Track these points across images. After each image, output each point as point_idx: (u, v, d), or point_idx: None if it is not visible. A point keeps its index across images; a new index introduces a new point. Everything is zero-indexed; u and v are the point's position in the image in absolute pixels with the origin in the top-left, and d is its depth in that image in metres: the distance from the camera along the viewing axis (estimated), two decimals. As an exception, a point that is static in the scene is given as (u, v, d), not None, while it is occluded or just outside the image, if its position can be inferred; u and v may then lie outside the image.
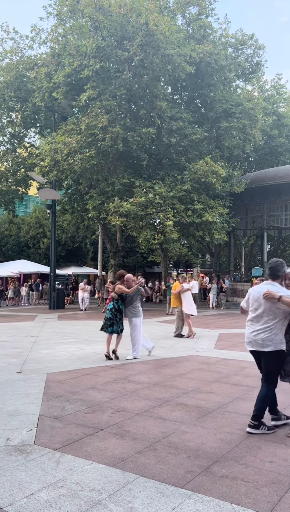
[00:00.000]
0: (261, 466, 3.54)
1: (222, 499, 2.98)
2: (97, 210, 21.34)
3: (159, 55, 18.94)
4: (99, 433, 4.29)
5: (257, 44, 25.87)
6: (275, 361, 4.32)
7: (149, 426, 4.50)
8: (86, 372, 7.14)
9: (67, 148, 19.51)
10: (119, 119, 20.33)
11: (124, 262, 36.65)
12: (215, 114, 23.02)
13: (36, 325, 14.93)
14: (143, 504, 2.91)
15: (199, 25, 22.78)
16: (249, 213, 27.83)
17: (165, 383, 6.39)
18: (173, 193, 19.83)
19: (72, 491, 3.10)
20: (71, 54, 20.52)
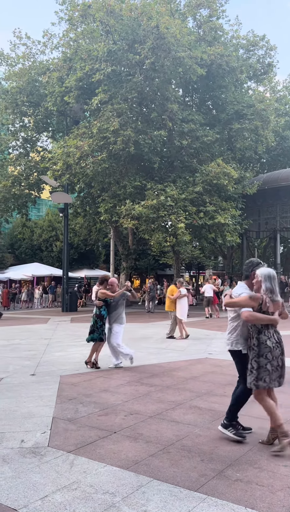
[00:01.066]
0: (276, 470, 3.51)
1: (236, 503, 2.96)
2: (109, 213, 21.42)
3: (170, 58, 18.97)
4: (112, 435, 4.29)
5: (268, 45, 25.77)
6: (237, 361, 4.27)
7: (162, 429, 4.49)
8: (99, 375, 7.16)
9: (79, 151, 19.64)
10: (131, 122, 20.40)
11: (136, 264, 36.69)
12: (226, 116, 22.96)
13: (49, 327, 15.03)
14: (157, 507, 2.91)
15: (210, 27, 22.77)
16: (261, 214, 27.64)
17: (178, 386, 6.37)
18: (185, 195, 19.81)
19: (86, 493, 3.11)
20: (83, 58, 20.68)
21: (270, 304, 3.94)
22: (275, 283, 3.98)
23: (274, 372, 3.94)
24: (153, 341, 11.38)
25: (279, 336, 4.05)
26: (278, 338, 4.02)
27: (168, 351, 9.72)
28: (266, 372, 3.92)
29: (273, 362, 3.92)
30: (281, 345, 4.02)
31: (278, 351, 3.96)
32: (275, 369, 3.94)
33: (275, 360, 3.93)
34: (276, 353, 3.94)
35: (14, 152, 26.75)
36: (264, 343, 3.94)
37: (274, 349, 3.94)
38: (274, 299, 3.94)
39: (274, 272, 4.04)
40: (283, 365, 4.00)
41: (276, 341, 3.98)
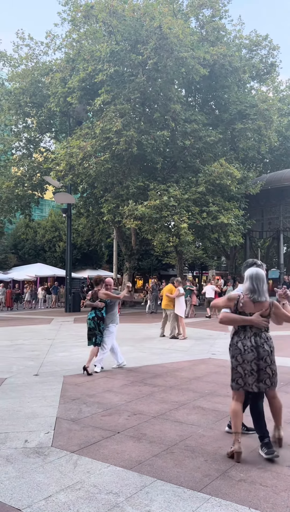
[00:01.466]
0: (280, 471, 3.50)
1: (240, 504, 2.95)
2: (112, 213, 21.44)
3: (172, 58, 18.98)
4: (116, 436, 4.30)
5: (271, 45, 25.73)
6: None
7: (166, 429, 4.49)
8: (102, 375, 7.16)
9: (82, 152, 19.66)
10: (134, 123, 20.41)
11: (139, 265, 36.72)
12: (229, 116, 22.94)
13: (53, 328, 15.05)
14: (161, 507, 2.91)
15: (213, 27, 22.76)
16: (265, 214, 27.59)
17: (182, 386, 6.37)
18: (188, 196, 19.80)
19: (90, 493, 3.11)
20: (86, 59, 20.71)
21: (248, 304, 3.76)
22: (258, 282, 3.76)
23: (249, 376, 3.74)
24: (156, 342, 11.38)
25: (259, 340, 3.77)
26: (256, 341, 3.76)
27: (171, 352, 9.72)
28: (237, 374, 3.79)
29: (244, 366, 3.74)
30: (260, 349, 3.74)
31: (251, 355, 3.73)
32: (249, 373, 3.74)
33: (248, 364, 3.73)
34: (248, 357, 3.73)
35: (17, 153, 26.83)
36: (235, 344, 3.82)
37: (246, 353, 3.74)
38: (255, 299, 3.75)
39: (259, 271, 3.82)
40: (259, 370, 3.74)
41: (252, 344, 3.75)
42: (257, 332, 3.79)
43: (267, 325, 3.82)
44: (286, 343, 10.75)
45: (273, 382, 3.82)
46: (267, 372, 3.75)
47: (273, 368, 3.81)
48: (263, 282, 3.80)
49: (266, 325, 3.80)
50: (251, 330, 3.78)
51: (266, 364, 3.75)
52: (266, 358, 3.75)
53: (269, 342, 3.82)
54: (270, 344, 3.82)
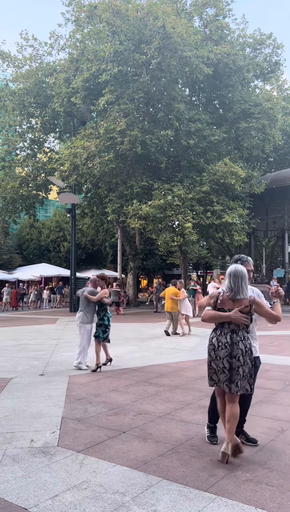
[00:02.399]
0: (286, 470, 3.49)
1: (246, 503, 2.95)
2: (116, 213, 21.46)
3: (176, 58, 18.97)
4: (121, 435, 4.30)
5: (275, 43, 25.66)
6: None
7: (171, 429, 4.49)
8: (107, 375, 7.17)
9: (86, 152, 19.70)
10: (137, 122, 20.42)
11: (143, 264, 36.74)
12: (233, 115, 22.90)
13: (58, 327, 15.09)
14: (167, 507, 2.91)
15: (217, 26, 22.72)
16: (269, 213, 27.54)
17: (187, 386, 6.36)
18: (192, 195, 19.79)
19: (96, 493, 3.12)
20: (89, 59, 20.74)
21: (226, 302, 3.66)
22: (236, 280, 3.64)
23: (221, 374, 3.64)
24: (161, 341, 11.38)
25: (235, 337, 3.63)
26: (232, 338, 3.63)
27: (176, 351, 9.72)
28: (211, 370, 3.72)
29: (217, 362, 3.65)
30: (234, 347, 3.60)
31: (224, 352, 3.61)
32: (221, 371, 3.63)
33: (220, 361, 3.63)
34: (221, 353, 3.62)
35: (21, 153, 26.90)
36: (210, 340, 3.76)
37: (219, 349, 3.64)
38: (233, 298, 3.64)
39: (238, 268, 3.68)
40: (231, 369, 3.60)
41: (227, 341, 3.63)
42: (235, 329, 3.66)
43: (247, 322, 3.65)
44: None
45: (243, 387, 3.61)
46: (239, 372, 3.59)
47: (246, 371, 3.61)
48: (242, 279, 3.65)
49: (245, 322, 3.64)
50: (228, 327, 3.67)
51: (239, 364, 3.60)
52: (239, 357, 3.60)
53: (245, 342, 3.65)
54: (246, 344, 3.65)
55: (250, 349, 3.66)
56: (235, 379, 3.60)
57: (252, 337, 3.97)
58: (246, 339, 3.66)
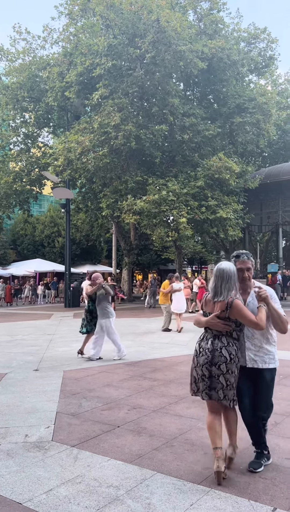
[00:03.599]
0: (279, 463, 3.52)
1: (240, 496, 2.97)
2: (111, 208, 21.41)
3: (170, 52, 18.88)
4: (116, 430, 4.31)
5: (270, 38, 25.59)
6: None
7: (165, 423, 4.51)
8: (102, 370, 7.18)
9: (80, 147, 19.61)
10: (132, 117, 20.34)
11: (138, 260, 36.74)
12: (228, 110, 22.86)
13: (52, 323, 15.07)
14: (161, 500, 2.93)
15: (211, 20, 22.62)
16: (263, 208, 27.59)
17: (181, 380, 6.38)
18: (187, 190, 19.77)
19: (90, 487, 3.13)
20: (83, 53, 20.60)
21: (208, 304, 3.40)
22: (217, 280, 3.32)
23: (201, 382, 3.32)
24: (156, 336, 11.40)
25: (217, 343, 3.29)
26: (214, 344, 3.29)
27: (171, 346, 9.75)
28: (192, 378, 3.41)
29: (197, 369, 3.34)
30: (215, 353, 3.26)
31: (203, 358, 3.29)
32: (201, 379, 3.31)
33: (199, 368, 3.31)
34: (201, 360, 3.31)
35: (15, 148, 26.74)
36: (195, 346, 3.48)
37: (199, 355, 3.34)
38: (214, 299, 3.34)
39: (225, 267, 3.31)
40: (211, 377, 3.26)
41: (208, 347, 3.30)
42: (218, 335, 3.32)
43: (226, 328, 3.28)
44: (286, 337, 10.78)
45: (226, 395, 3.26)
46: (220, 381, 3.24)
47: (230, 380, 3.25)
48: (225, 280, 3.28)
49: (225, 329, 3.28)
50: (211, 332, 3.36)
51: (219, 372, 3.24)
52: (220, 365, 3.23)
53: (229, 348, 3.26)
54: (231, 350, 3.25)
55: (237, 356, 3.27)
56: (215, 386, 3.27)
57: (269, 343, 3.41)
58: (231, 345, 3.27)
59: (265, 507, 2.82)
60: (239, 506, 2.84)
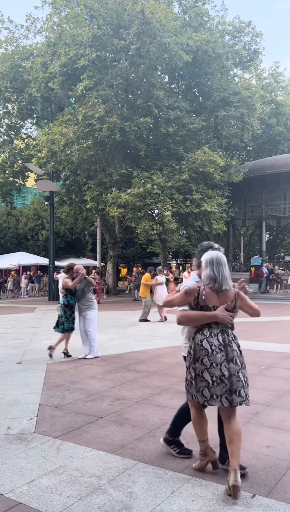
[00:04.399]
0: (259, 451, 3.59)
1: (220, 483, 3.02)
2: (95, 201, 21.30)
3: (155, 44, 18.76)
4: (99, 421, 4.33)
5: (254, 32, 25.63)
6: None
7: (148, 413, 4.55)
8: (85, 362, 7.19)
9: (64, 139, 19.42)
10: (116, 109, 20.20)
11: (123, 253, 36.70)
12: (212, 103, 22.88)
13: (36, 316, 14.99)
14: (143, 488, 2.96)
15: (196, 13, 22.53)
16: (247, 202, 27.81)
17: (165, 372, 6.43)
18: (171, 183, 19.78)
19: (73, 477, 3.14)
20: (67, 43, 20.33)
21: (210, 296, 3.08)
22: (219, 268, 3.09)
23: (217, 386, 2.95)
24: (140, 329, 11.44)
25: (226, 337, 3.06)
26: (224, 340, 3.04)
27: (155, 338, 9.80)
28: (203, 383, 2.99)
29: (211, 370, 2.97)
30: (228, 349, 3.02)
31: (220, 355, 2.98)
32: (218, 381, 2.95)
33: (216, 368, 2.96)
34: (217, 358, 2.97)
35: (-3, 139, 26.32)
36: (199, 344, 3.05)
37: (214, 353, 2.99)
38: (218, 289, 3.07)
39: (220, 255, 3.16)
40: (231, 376, 2.96)
41: (220, 343, 3.02)
42: (224, 329, 3.09)
43: (232, 321, 3.12)
44: (266, 328, 10.94)
45: (247, 394, 3.03)
46: (240, 378, 3.00)
47: (245, 374, 3.08)
48: (225, 267, 3.12)
49: (231, 322, 3.11)
50: (217, 327, 3.07)
51: (238, 368, 3.01)
52: (236, 360, 3.02)
53: (236, 341, 3.12)
54: (238, 343, 3.13)
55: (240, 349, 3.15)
56: (236, 387, 2.97)
57: None
58: (236, 338, 3.14)
59: (244, 494, 2.88)
60: (219, 493, 2.89)
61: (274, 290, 24.16)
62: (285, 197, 25.95)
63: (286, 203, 25.92)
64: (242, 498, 2.83)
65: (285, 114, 31.01)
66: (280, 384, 5.65)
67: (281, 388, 5.46)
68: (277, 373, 6.31)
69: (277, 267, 25.48)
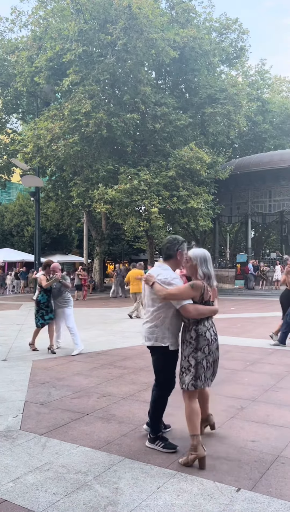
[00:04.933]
0: (244, 445, 3.63)
1: (205, 478, 3.05)
2: (82, 197, 21.18)
3: (142, 39, 18.68)
4: (85, 417, 4.33)
5: (241, 29, 25.68)
6: (158, 358, 3.68)
7: (134, 409, 4.56)
8: (72, 359, 7.16)
9: (50, 134, 19.24)
10: (103, 105, 20.09)
11: (109, 249, 36.62)
12: (199, 100, 22.89)
13: (22, 313, 14.88)
14: (129, 484, 2.97)
15: (183, 9, 22.49)
16: (233, 199, 27.96)
17: (151, 368, 6.36)
18: (158, 180, 19.77)
19: (58, 474, 3.14)
20: (53, 37, 20.13)
21: (210, 292, 3.41)
22: (211, 266, 3.43)
23: (208, 370, 3.43)
24: (127, 325, 11.45)
25: (215, 328, 3.52)
26: (215, 330, 3.50)
27: (140, 335, 9.81)
28: (202, 370, 3.39)
29: (208, 358, 3.40)
30: (217, 338, 3.51)
31: (215, 345, 3.45)
32: (210, 366, 3.44)
33: (211, 356, 3.42)
34: (213, 347, 3.43)
35: (-18, 134, 25.96)
36: (203, 335, 3.38)
37: (212, 343, 3.42)
38: (211, 285, 3.42)
39: (207, 253, 3.47)
40: (215, 361, 3.49)
41: (215, 333, 3.48)
42: (212, 321, 3.54)
43: None
44: (252, 324, 11.04)
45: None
46: (218, 362, 3.55)
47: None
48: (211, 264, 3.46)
49: None
50: (210, 319, 3.50)
51: (218, 353, 3.54)
52: (218, 347, 3.54)
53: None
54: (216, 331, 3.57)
55: None
56: (216, 370, 3.54)
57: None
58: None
59: (229, 488, 2.91)
60: (204, 488, 2.91)
61: (260, 287, 24.39)
62: (270, 195, 26.16)
63: (271, 200, 26.14)
64: (227, 492, 2.86)
65: (271, 112, 31.23)
66: (265, 379, 5.72)
67: (266, 383, 5.52)
68: (262, 368, 6.38)
69: (262, 263, 25.68)
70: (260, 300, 19.03)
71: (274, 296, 21.58)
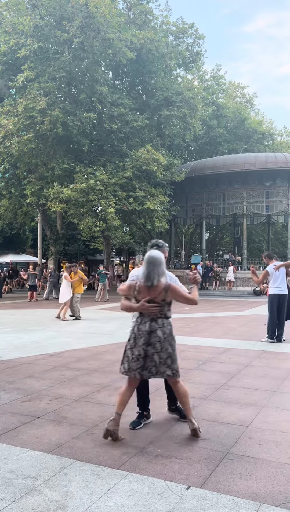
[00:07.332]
0: (195, 444, 3.68)
1: (156, 477, 3.07)
2: (36, 195, 20.77)
3: (99, 39, 18.61)
4: (36, 420, 4.24)
5: (197, 34, 26.19)
6: None
7: (87, 411, 4.51)
8: (24, 361, 6.99)
9: (4, 130, 18.76)
10: (59, 103, 19.81)
11: (65, 249, 36.05)
12: (156, 102, 23.10)
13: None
14: (79, 487, 2.93)
15: (140, 10, 22.63)
16: (189, 201, 28.42)
17: (105, 369, 6.42)
18: (115, 180, 19.75)
19: (6, 479, 3.05)
20: (7, 31, 19.63)
21: (142, 290, 3.64)
22: (149, 266, 3.60)
23: (134, 361, 3.66)
24: (81, 326, 11.34)
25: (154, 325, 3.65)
26: (151, 327, 3.64)
27: (96, 336, 9.75)
28: (126, 358, 3.72)
29: (134, 350, 3.66)
30: (152, 335, 3.63)
31: (142, 340, 3.64)
32: (136, 359, 3.65)
33: (136, 349, 3.64)
34: (139, 342, 3.64)
35: None
36: (133, 328, 3.76)
37: (138, 337, 3.66)
38: (147, 285, 3.61)
39: (154, 254, 3.66)
40: (146, 356, 3.63)
41: (146, 329, 3.64)
42: (154, 318, 3.66)
43: (158, 310, 3.64)
44: (204, 324, 11.26)
45: (159, 371, 3.67)
46: (153, 359, 3.63)
47: (162, 356, 3.64)
48: (156, 265, 3.61)
49: (156, 311, 3.64)
50: (148, 315, 3.67)
51: (154, 351, 3.62)
52: (155, 344, 3.62)
53: (164, 329, 3.67)
54: (165, 330, 3.67)
55: (170, 334, 3.68)
56: (148, 365, 3.64)
57: None
58: (166, 326, 3.67)
59: (179, 486, 2.95)
60: (155, 487, 2.93)
61: (213, 287, 24.92)
62: (224, 197, 26.81)
63: (225, 203, 26.79)
64: (177, 490, 2.89)
65: (226, 117, 32.04)
66: (216, 378, 5.84)
67: (217, 382, 5.64)
68: (214, 367, 6.51)
69: (216, 264, 26.27)
70: (214, 300, 19.45)
71: (227, 296, 22.15)
